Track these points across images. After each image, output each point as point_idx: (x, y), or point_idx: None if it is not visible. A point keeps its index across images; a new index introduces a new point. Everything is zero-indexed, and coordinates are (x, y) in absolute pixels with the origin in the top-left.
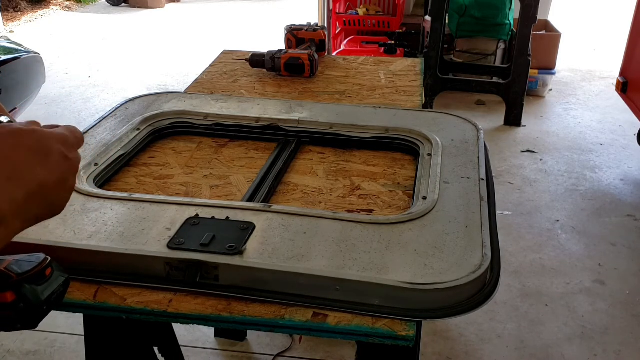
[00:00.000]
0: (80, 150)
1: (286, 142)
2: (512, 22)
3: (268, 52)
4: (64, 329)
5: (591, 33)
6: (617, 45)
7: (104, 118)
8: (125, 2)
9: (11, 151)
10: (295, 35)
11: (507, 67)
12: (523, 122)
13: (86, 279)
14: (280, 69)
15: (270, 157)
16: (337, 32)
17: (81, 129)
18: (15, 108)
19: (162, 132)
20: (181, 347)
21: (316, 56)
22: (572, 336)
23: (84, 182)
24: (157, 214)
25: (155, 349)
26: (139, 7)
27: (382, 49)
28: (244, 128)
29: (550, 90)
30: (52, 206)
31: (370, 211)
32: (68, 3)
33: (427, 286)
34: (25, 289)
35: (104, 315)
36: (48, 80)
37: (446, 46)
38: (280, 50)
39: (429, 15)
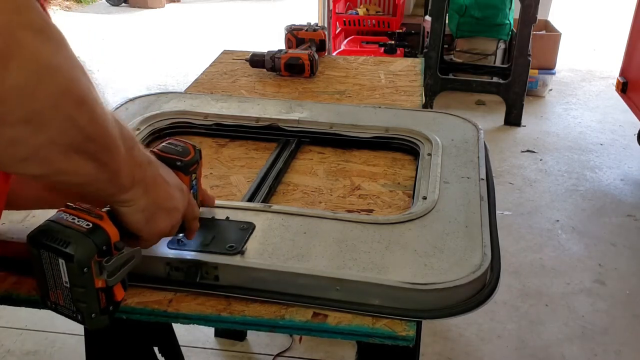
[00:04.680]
0: None
1: (286, 142)
2: (512, 22)
3: (268, 52)
4: (64, 329)
5: (591, 33)
6: (617, 45)
7: None
8: (125, 2)
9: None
10: (295, 35)
11: (507, 67)
12: (523, 122)
13: None
14: (280, 69)
15: (270, 157)
16: (337, 32)
17: None
18: None
19: (162, 132)
20: (181, 347)
21: (316, 56)
22: (572, 336)
23: None
24: None
25: (155, 349)
26: (139, 7)
27: (382, 49)
28: (244, 128)
29: (550, 90)
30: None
31: (370, 211)
32: (68, 3)
33: (427, 286)
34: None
35: None
36: None
37: (446, 46)
38: (280, 50)
39: (429, 15)
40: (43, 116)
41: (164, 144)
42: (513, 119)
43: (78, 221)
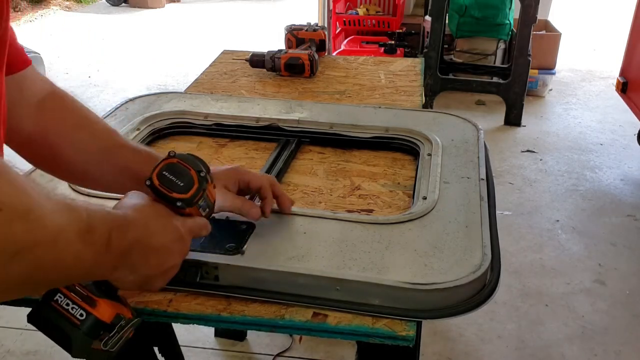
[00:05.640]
0: None
1: (286, 142)
2: (512, 22)
3: (268, 52)
4: None
5: (591, 33)
6: (617, 45)
7: (104, 118)
8: (125, 2)
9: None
10: (295, 35)
11: (507, 67)
12: (523, 122)
13: None
14: (280, 69)
15: (270, 157)
16: (337, 32)
17: None
18: None
19: (162, 132)
20: (181, 347)
21: (316, 56)
22: (572, 336)
23: None
24: None
25: (155, 349)
26: (139, 7)
27: (382, 49)
28: (244, 128)
29: (550, 90)
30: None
31: (370, 211)
32: (68, 3)
33: (427, 286)
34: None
35: None
36: None
37: (446, 46)
38: (280, 50)
39: (429, 15)
40: None
41: (165, 169)
42: (513, 119)
43: (72, 309)
